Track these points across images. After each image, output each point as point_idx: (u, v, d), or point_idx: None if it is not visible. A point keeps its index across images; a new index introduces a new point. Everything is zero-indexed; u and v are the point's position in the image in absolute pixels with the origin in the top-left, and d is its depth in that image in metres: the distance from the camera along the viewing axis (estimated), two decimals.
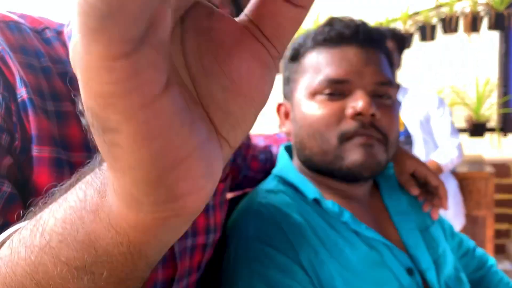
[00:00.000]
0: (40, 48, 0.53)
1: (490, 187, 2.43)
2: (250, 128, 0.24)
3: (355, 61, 0.75)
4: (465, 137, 2.86)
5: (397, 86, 0.81)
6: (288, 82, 0.84)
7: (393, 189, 0.86)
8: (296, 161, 0.85)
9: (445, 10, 2.81)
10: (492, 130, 2.89)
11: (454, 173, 2.40)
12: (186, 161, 0.20)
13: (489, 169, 2.51)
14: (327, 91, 0.75)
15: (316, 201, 0.76)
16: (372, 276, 0.70)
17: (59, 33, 0.58)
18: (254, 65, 0.22)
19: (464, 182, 2.45)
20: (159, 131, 0.19)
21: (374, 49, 0.77)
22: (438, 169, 2.17)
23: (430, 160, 2.21)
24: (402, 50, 2.29)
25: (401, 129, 2.25)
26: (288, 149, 0.90)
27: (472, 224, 2.48)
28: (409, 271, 0.74)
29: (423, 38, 2.88)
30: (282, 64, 0.86)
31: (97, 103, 0.18)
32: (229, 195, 0.88)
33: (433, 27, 2.85)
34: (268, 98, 0.24)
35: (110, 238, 0.24)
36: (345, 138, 0.73)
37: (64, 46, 0.57)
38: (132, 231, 0.23)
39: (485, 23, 2.77)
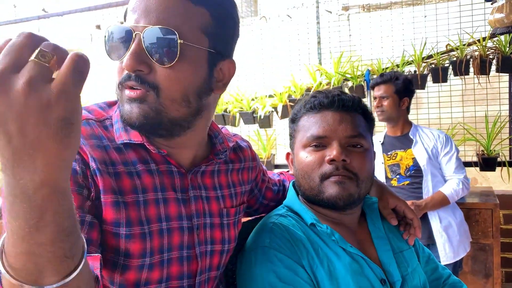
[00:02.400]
0: (102, 133, 0.84)
1: (496, 217, 2.60)
2: None
3: (332, 122, 1.04)
4: (476, 171, 3.05)
5: (369, 137, 1.07)
6: (291, 137, 1.14)
7: (376, 219, 1.13)
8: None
9: (456, 53, 3.04)
10: (503, 164, 3.06)
11: (461, 203, 2.60)
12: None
13: (496, 201, 2.70)
14: (313, 144, 1.04)
15: (313, 225, 1.04)
16: (354, 282, 0.96)
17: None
18: None
19: (471, 212, 2.63)
20: None
21: (347, 111, 1.05)
22: (444, 200, 2.41)
23: (438, 191, 2.44)
24: (410, 92, 2.58)
25: (410, 164, 2.51)
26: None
27: (481, 251, 2.66)
28: (382, 282, 1.00)
29: (436, 80, 3.09)
30: (288, 124, 1.16)
31: None
32: (249, 218, 1.17)
33: (444, 70, 3.05)
34: None
35: None
36: (324, 177, 1.01)
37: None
38: None
39: (494, 65, 2.96)
